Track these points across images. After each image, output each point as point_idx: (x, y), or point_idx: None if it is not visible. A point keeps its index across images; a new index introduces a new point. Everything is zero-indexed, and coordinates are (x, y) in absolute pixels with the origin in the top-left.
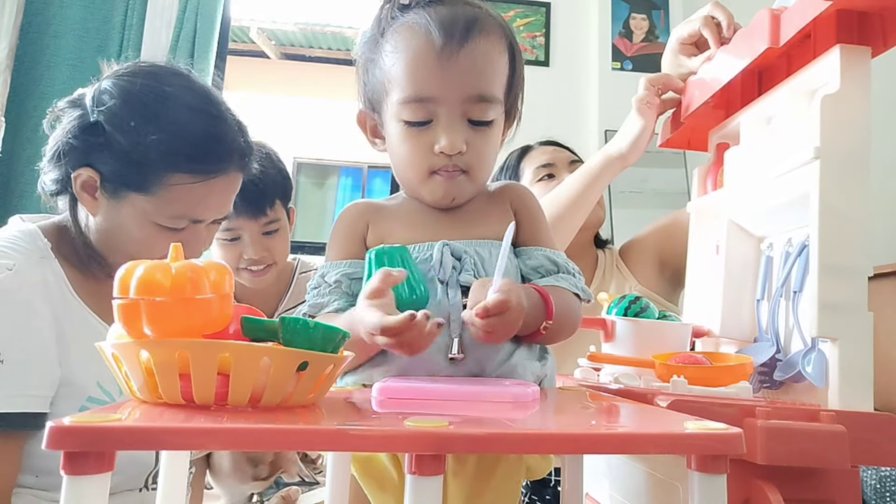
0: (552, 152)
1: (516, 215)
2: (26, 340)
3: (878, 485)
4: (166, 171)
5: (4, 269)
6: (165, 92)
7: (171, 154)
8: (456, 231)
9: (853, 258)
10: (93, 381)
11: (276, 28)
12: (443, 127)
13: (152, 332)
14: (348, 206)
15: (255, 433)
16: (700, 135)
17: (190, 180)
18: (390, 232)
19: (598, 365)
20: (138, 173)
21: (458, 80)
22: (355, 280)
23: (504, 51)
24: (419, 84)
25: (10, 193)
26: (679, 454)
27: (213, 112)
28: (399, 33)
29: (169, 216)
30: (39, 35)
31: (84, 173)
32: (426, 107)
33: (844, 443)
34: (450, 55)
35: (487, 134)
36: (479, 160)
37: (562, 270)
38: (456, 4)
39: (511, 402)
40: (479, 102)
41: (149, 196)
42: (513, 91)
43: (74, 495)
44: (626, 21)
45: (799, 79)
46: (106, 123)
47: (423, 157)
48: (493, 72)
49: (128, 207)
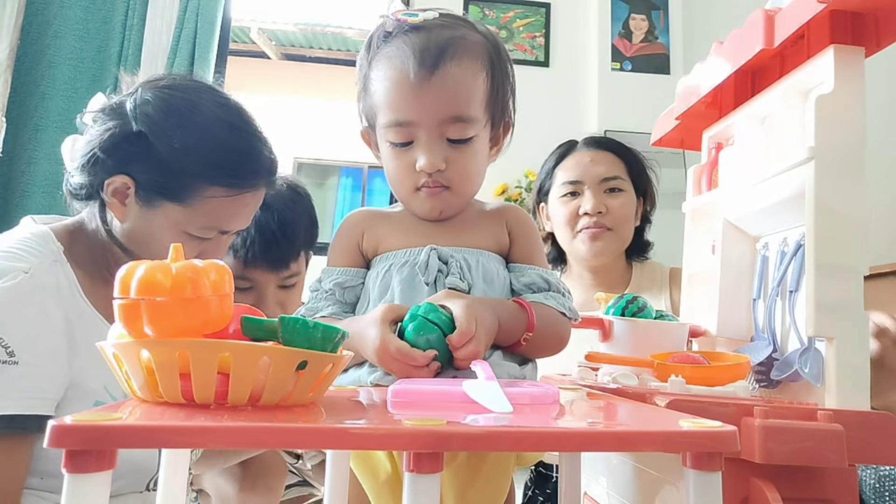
0: (587, 165)
1: (511, 234)
2: (40, 344)
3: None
4: (203, 183)
5: (21, 273)
6: (205, 107)
7: (209, 167)
8: (446, 239)
9: (849, 258)
10: (100, 386)
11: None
12: (422, 147)
13: (153, 332)
14: (350, 214)
15: (255, 432)
16: (694, 134)
17: (225, 193)
18: (386, 238)
19: (595, 365)
20: (176, 184)
21: (432, 104)
22: (347, 289)
23: (480, 69)
24: (398, 110)
25: (10, 193)
26: (674, 452)
27: (249, 129)
28: (381, 62)
29: (200, 227)
30: (40, 35)
31: (118, 180)
32: (406, 129)
33: (842, 442)
34: (423, 82)
35: (467, 150)
36: (460, 176)
37: (552, 289)
38: (432, 30)
39: (529, 403)
40: (454, 123)
41: (183, 206)
42: (497, 103)
43: (76, 493)
44: (625, 21)
45: (793, 79)
46: (150, 135)
47: (407, 175)
48: (467, 93)
49: (160, 216)
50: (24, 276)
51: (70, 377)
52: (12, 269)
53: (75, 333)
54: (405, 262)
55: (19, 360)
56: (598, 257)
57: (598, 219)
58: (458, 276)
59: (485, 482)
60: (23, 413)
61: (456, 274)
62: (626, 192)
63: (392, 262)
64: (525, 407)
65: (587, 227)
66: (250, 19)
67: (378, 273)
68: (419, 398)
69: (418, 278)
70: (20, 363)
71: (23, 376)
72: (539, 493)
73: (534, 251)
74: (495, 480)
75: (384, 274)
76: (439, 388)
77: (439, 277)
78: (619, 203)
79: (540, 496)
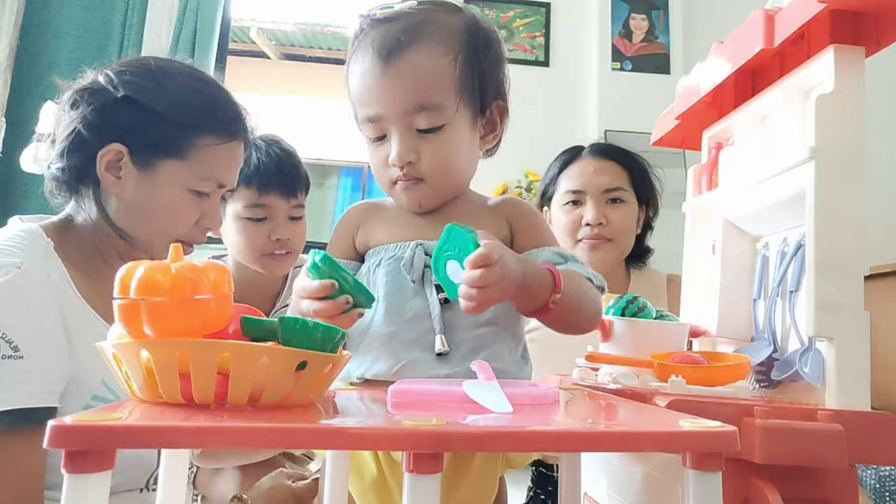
0: (590, 175)
1: (512, 226)
2: (41, 336)
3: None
4: (196, 133)
5: (13, 268)
6: (175, 67)
7: (199, 116)
8: (435, 232)
9: (849, 258)
10: (98, 380)
11: (276, 28)
12: (393, 141)
13: (152, 332)
14: (350, 207)
15: (255, 432)
16: (694, 134)
17: (217, 141)
18: (377, 233)
19: (595, 365)
20: (172, 138)
21: (393, 95)
22: None
23: (445, 53)
24: (365, 105)
25: (10, 193)
26: (674, 452)
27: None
28: (352, 60)
29: (200, 178)
30: (39, 35)
31: (112, 150)
32: (377, 124)
33: (842, 442)
34: (382, 73)
35: (439, 140)
36: (433, 167)
37: (571, 261)
38: (396, 20)
39: (529, 403)
40: (420, 112)
41: (182, 160)
42: (472, 86)
43: (75, 493)
44: (625, 21)
45: (793, 79)
46: (136, 96)
47: (383, 169)
48: (430, 80)
49: (160, 176)
50: (16, 270)
51: (71, 369)
52: (4, 265)
53: (70, 327)
54: (392, 256)
55: (24, 353)
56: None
57: (599, 230)
58: None
59: (469, 487)
60: (33, 406)
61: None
62: (627, 202)
63: (381, 256)
64: (525, 407)
65: (588, 238)
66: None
67: (369, 268)
68: (419, 398)
69: (403, 274)
70: (25, 357)
71: (28, 370)
72: (541, 492)
73: (541, 235)
74: (480, 485)
75: (374, 269)
76: (439, 388)
77: (426, 273)
78: (620, 215)
79: (542, 495)
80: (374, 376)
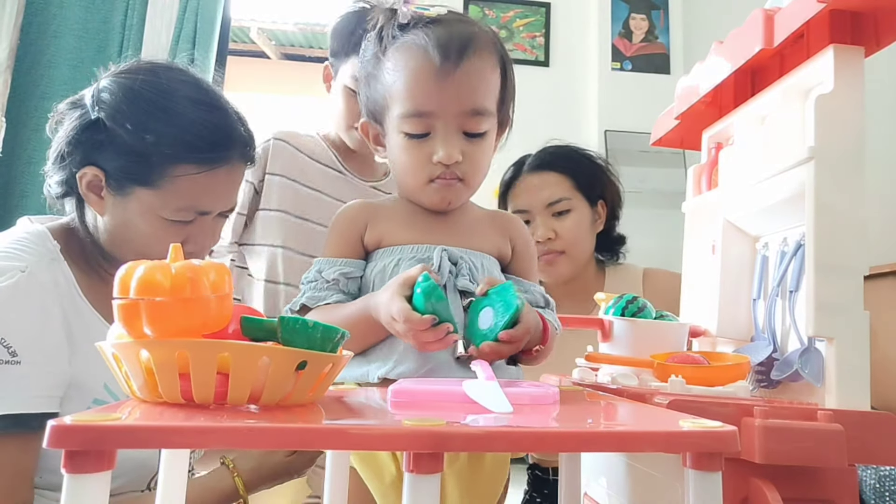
0: (531, 192)
1: (515, 248)
2: (41, 342)
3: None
4: (169, 162)
5: (18, 272)
6: (164, 85)
7: (173, 145)
8: (452, 239)
9: (849, 257)
10: (99, 384)
11: (276, 28)
12: (440, 139)
13: (152, 332)
14: (347, 205)
15: (254, 431)
16: (693, 134)
17: (194, 171)
18: (390, 232)
19: (595, 365)
20: (142, 167)
21: (454, 96)
22: (352, 279)
23: (496, 66)
24: (419, 100)
25: (10, 193)
26: (674, 452)
27: (212, 102)
28: (399, 52)
29: (175, 209)
30: (40, 35)
31: (89, 172)
32: (425, 121)
33: (842, 442)
34: (447, 74)
35: (481, 144)
36: (473, 169)
37: (549, 307)
38: (452, 24)
39: (529, 403)
40: (474, 116)
41: (154, 189)
42: (505, 102)
43: (75, 493)
44: (625, 21)
45: (793, 79)
46: (107, 120)
47: (422, 166)
48: (487, 87)
49: (134, 203)
50: (21, 274)
51: (70, 374)
52: (9, 269)
53: (74, 331)
54: (413, 257)
55: (22, 359)
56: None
57: (550, 245)
58: (467, 277)
59: (486, 478)
60: (28, 412)
61: (466, 276)
62: (574, 210)
63: (400, 256)
64: (525, 407)
65: (542, 255)
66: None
67: (385, 266)
68: (419, 398)
69: None
70: (23, 362)
71: (26, 375)
72: (537, 495)
73: (531, 269)
74: (495, 476)
75: (392, 268)
76: (439, 388)
77: (449, 278)
78: (568, 225)
79: (538, 498)
80: (398, 376)
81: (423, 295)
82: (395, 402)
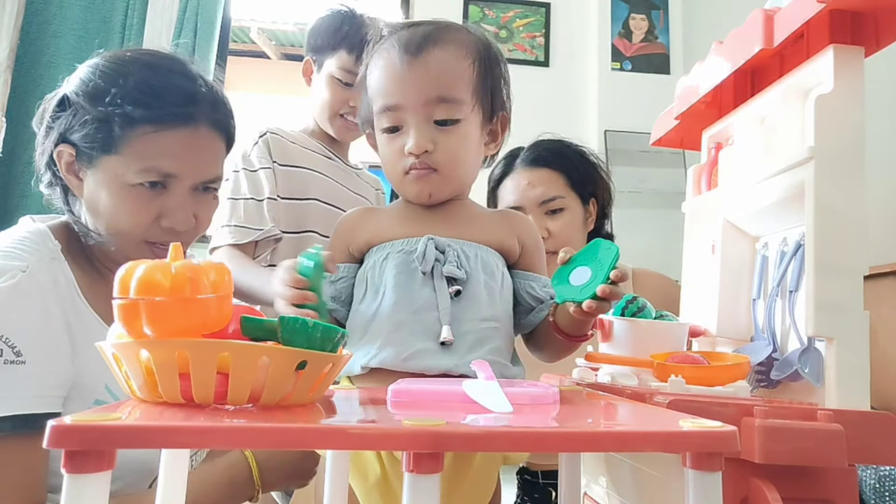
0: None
1: (524, 246)
2: (44, 341)
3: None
4: (128, 125)
5: (18, 272)
6: (126, 57)
7: (129, 105)
8: (444, 231)
9: (849, 257)
10: (100, 384)
11: (276, 28)
12: (410, 130)
13: (152, 332)
14: (344, 216)
15: (254, 431)
16: (693, 134)
17: (151, 129)
18: (381, 231)
19: (595, 365)
20: (104, 133)
21: (416, 85)
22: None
23: (466, 56)
24: (386, 95)
25: (10, 193)
26: (674, 452)
27: (170, 67)
28: (374, 58)
29: (137, 170)
30: (39, 35)
31: (63, 151)
32: (396, 114)
33: (841, 441)
34: (408, 66)
35: (455, 133)
36: (447, 157)
37: None
38: (420, 26)
39: (529, 403)
40: (440, 104)
41: (118, 156)
42: (485, 91)
43: (75, 493)
44: (625, 21)
45: (792, 79)
46: (71, 94)
47: (397, 158)
48: (452, 75)
49: (101, 174)
50: (22, 274)
51: (73, 374)
52: (10, 269)
53: (74, 331)
54: (401, 250)
55: (26, 359)
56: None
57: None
58: (454, 264)
59: (471, 484)
60: (35, 412)
61: (453, 262)
62: (567, 208)
63: (388, 250)
64: (525, 407)
65: None
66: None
67: (375, 262)
68: (419, 398)
69: (413, 265)
70: (27, 362)
71: (31, 375)
72: (528, 499)
73: (542, 264)
74: (481, 481)
75: (381, 263)
76: (439, 388)
77: (436, 266)
78: (560, 224)
79: (529, 502)
80: (380, 364)
81: (306, 256)
82: (395, 402)
